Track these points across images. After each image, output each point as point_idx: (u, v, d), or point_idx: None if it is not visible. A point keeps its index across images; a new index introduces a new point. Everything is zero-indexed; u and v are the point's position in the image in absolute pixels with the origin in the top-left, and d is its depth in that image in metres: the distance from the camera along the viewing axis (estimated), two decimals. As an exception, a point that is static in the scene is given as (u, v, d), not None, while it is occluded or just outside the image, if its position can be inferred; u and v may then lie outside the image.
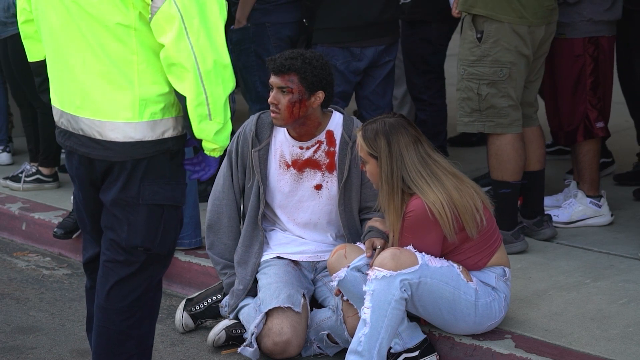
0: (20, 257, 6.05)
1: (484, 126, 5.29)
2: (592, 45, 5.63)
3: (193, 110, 3.46)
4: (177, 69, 3.43)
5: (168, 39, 3.41)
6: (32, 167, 6.84)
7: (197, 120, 3.48)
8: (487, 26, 5.18)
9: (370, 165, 4.35)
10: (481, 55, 5.21)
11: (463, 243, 4.33)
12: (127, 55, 3.51)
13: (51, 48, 3.63)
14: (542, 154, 5.52)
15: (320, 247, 4.81)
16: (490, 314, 4.38)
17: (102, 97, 3.54)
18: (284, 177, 4.73)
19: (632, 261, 5.25)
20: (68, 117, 3.62)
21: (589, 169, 5.79)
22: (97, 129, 3.57)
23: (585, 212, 5.76)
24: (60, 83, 3.64)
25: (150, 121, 3.57)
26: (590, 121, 5.69)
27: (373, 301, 4.19)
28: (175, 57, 3.41)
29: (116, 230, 3.69)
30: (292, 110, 4.55)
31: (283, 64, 4.52)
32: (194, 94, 3.43)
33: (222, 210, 4.82)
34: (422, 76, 6.41)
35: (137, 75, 3.52)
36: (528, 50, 5.24)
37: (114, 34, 3.49)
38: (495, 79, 5.20)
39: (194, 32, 3.41)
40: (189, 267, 5.42)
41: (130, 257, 3.70)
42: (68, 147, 3.68)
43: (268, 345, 4.51)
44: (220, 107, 3.48)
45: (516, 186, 5.32)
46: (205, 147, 3.57)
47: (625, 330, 4.45)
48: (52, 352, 4.71)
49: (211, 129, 3.50)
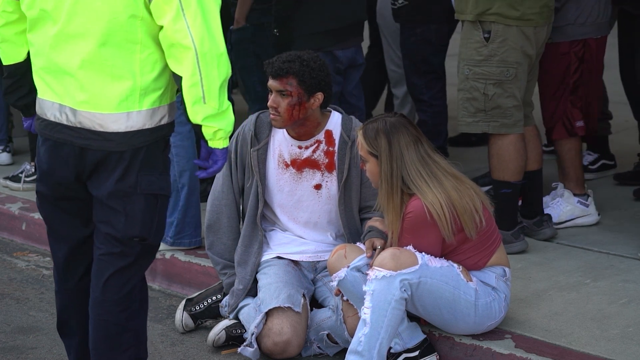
0: (20, 257, 6.05)
1: (489, 126, 5.29)
2: (579, 44, 5.62)
3: (187, 91, 3.52)
4: (176, 50, 3.50)
5: (166, 20, 3.49)
6: (32, 167, 6.83)
7: (191, 102, 3.53)
8: (495, 26, 5.19)
9: (370, 164, 4.35)
10: (488, 55, 5.21)
11: (462, 243, 4.33)
12: (131, 46, 3.56)
13: (50, 42, 3.62)
14: (540, 154, 5.52)
15: (320, 247, 4.81)
16: (490, 314, 4.38)
17: (104, 90, 3.57)
18: (283, 176, 4.73)
19: (632, 261, 5.25)
20: (66, 110, 3.62)
21: (572, 167, 5.79)
22: (99, 122, 3.59)
23: (573, 211, 5.76)
24: (58, 77, 3.63)
25: (150, 109, 3.62)
26: (570, 120, 5.69)
27: (373, 301, 4.19)
28: (173, 37, 3.49)
29: (112, 222, 3.69)
30: (292, 112, 4.55)
31: (281, 67, 4.51)
32: (189, 74, 3.50)
33: (222, 210, 4.82)
34: (423, 77, 6.40)
35: (139, 65, 3.58)
36: (532, 51, 5.25)
37: (121, 25, 3.54)
38: (502, 78, 5.20)
39: (191, 14, 3.48)
40: (189, 267, 5.41)
41: (126, 248, 3.73)
42: (59, 139, 3.65)
43: (268, 345, 4.51)
44: (214, 91, 3.52)
45: (517, 186, 5.33)
46: (206, 133, 3.61)
47: (625, 330, 4.45)
48: (52, 352, 4.71)
49: (204, 112, 3.54)
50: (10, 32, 3.83)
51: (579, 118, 5.71)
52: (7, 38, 3.83)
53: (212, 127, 3.58)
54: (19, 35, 3.81)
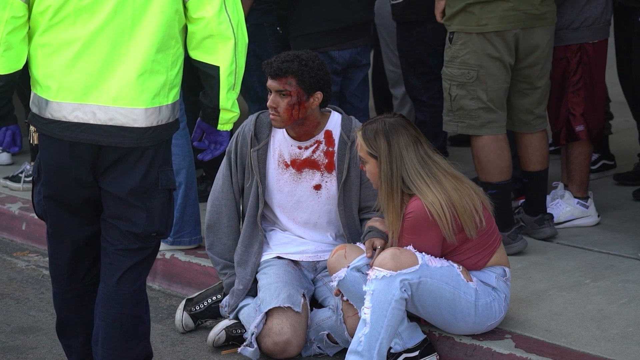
0: (20, 257, 6.05)
1: (457, 126, 5.31)
2: (574, 49, 5.59)
3: (225, 79, 3.70)
4: (213, 41, 3.67)
5: (210, 12, 3.65)
6: (32, 167, 6.83)
7: (225, 89, 3.73)
8: (457, 29, 5.21)
9: (370, 165, 4.35)
10: (452, 57, 5.24)
11: (462, 243, 4.33)
12: (169, 41, 3.66)
13: (84, 39, 3.60)
14: (542, 155, 5.47)
15: (320, 247, 4.82)
16: (490, 314, 4.38)
17: (141, 85, 3.62)
18: (283, 176, 4.73)
19: (632, 261, 5.25)
20: (93, 109, 3.62)
21: (579, 171, 5.78)
22: (134, 117, 3.65)
23: (572, 212, 5.75)
24: (84, 75, 3.61)
25: (174, 103, 3.75)
26: (571, 124, 5.68)
27: (373, 301, 4.19)
28: (217, 28, 3.65)
29: (132, 219, 3.74)
30: (292, 112, 4.55)
31: (280, 68, 4.52)
32: (227, 63, 3.69)
33: (222, 210, 4.82)
34: (420, 77, 6.39)
35: (171, 59, 3.68)
36: (507, 55, 5.18)
37: (167, 21, 3.62)
38: (464, 80, 5.21)
39: (231, 7, 3.68)
40: (189, 267, 5.42)
41: (144, 244, 3.81)
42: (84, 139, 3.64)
43: (268, 345, 4.51)
44: (240, 78, 3.77)
45: (502, 187, 5.28)
46: (223, 117, 3.78)
47: (625, 330, 4.45)
48: (52, 352, 4.71)
49: (233, 98, 3.77)
50: (16, 39, 3.72)
51: (579, 122, 5.69)
52: (13, 45, 3.72)
53: (233, 112, 3.78)
54: (22, 42, 3.74)
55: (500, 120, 5.27)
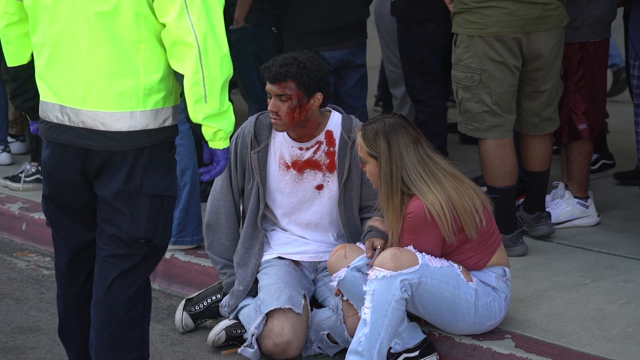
0: (20, 257, 6.05)
1: (466, 129, 5.31)
2: (576, 48, 5.59)
3: (189, 89, 3.50)
4: (179, 48, 3.49)
5: (170, 17, 3.48)
6: (32, 167, 6.84)
7: (192, 100, 3.51)
8: (460, 32, 5.21)
9: (370, 166, 4.35)
10: (457, 60, 5.24)
11: (463, 243, 4.33)
12: (135, 44, 3.54)
13: (52, 40, 3.61)
14: (544, 157, 5.44)
15: (321, 247, 4.81)
16: (490, 314, 4.38)
17: (106, 88, 3.56)
18: (284, 178, 4.72)
19: (632, 261, 5.25)
20: (67, 111, 3.61)
21: (579, 171, 5.78)
22: (101, 121, 3.58)
23: (572, 212, 5.76)
24: (59, 76, 3.62)
25: (153, 110, 3.61)
26: (574, 123, 5.68)
27: (373, 301, 4.19)
28: (176, 34, 3.48)
29: (117, 223, 3.68)
30: (293, 115, 4.54)
31: (279, 72, 4.50)
32: (191, 72, 3.48)
33: (220, 211, 4.81)
34: (420, 77, 6.39)
35: (143, 64, 3.56)
36: (511, 58, 5.16)
37: (126, 23, 3.53)
38: (468, 84, 5.20)
39: (195, 12, 3.47)
40: (189, 267, 5.42)
41: (132, 250, 3.71)
42: (63, 140, 3.64)
43: (268, 346, 4.51)
44: (216, 90, 3.51)
45: (505, 191, 5.26)
46: (206, 134, 3.59)
47: (625, 330, 4.45)
48: (52, 352, 4.71)
49: (204, 111, 3.53)
50: (13, 34, 3.81)
51: (581, 121, 5.69)
52: (10, 40, 3.81)
53: (212, 127, 3.57)
54: (22, 38, 3.78)
55: (506, 124, 5.24)
